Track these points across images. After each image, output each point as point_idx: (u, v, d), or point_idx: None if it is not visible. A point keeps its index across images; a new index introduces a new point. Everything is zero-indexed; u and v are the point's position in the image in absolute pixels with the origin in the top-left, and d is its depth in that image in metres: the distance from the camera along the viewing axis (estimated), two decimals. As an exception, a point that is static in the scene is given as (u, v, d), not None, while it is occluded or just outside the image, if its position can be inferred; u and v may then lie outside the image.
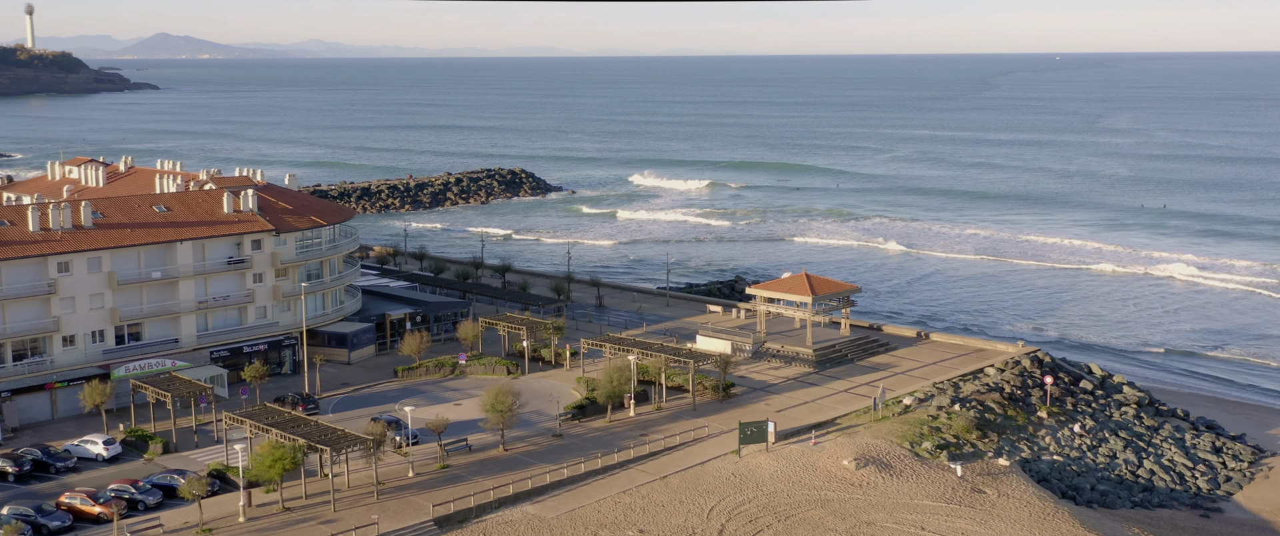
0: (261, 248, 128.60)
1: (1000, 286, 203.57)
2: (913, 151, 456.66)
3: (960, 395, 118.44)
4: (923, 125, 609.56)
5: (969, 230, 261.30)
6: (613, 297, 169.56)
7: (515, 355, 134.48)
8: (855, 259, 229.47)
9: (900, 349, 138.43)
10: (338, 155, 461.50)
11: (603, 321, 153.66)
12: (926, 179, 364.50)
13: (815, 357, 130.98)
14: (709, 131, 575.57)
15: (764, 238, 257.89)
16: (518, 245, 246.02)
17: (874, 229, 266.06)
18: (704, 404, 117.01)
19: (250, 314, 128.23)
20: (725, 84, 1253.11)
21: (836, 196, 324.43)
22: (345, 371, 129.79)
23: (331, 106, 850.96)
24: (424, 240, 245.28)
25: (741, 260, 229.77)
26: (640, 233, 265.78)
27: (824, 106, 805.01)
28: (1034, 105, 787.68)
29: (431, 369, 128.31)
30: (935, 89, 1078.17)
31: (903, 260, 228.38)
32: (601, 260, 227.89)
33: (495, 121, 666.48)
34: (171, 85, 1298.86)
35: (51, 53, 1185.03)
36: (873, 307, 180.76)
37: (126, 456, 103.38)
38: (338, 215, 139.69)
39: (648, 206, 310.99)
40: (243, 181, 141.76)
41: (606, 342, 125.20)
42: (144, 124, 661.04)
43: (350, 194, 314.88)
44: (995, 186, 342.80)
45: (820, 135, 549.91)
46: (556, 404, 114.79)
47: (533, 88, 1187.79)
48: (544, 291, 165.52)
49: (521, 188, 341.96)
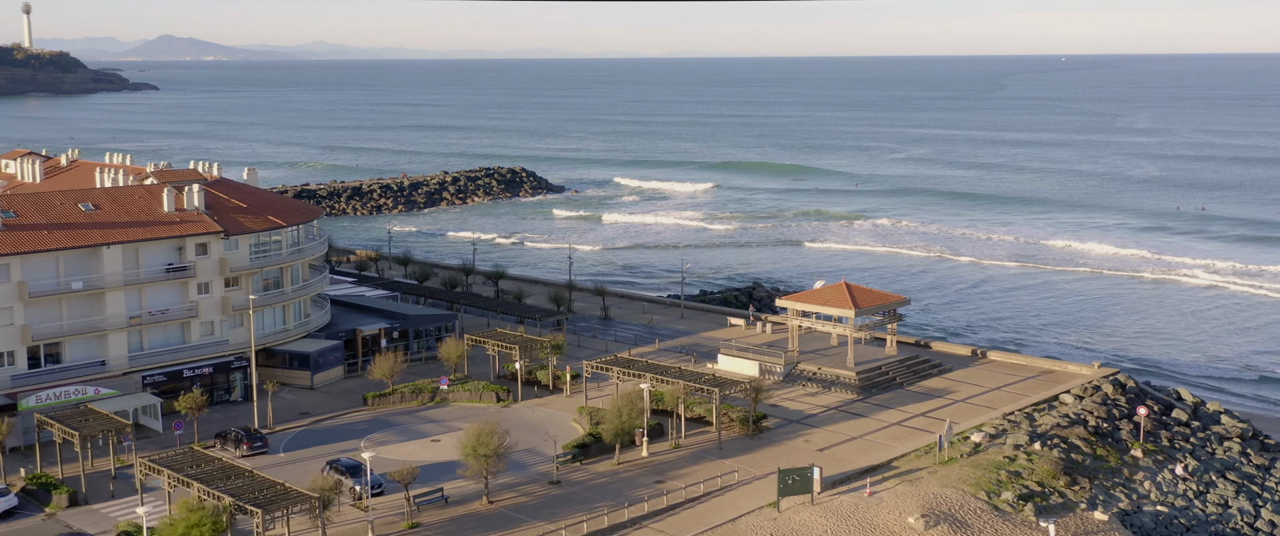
0: (208, 252, 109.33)
1: (1045, 296, 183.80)
2: (930, 152, 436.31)
3: (1038, 430, 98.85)
4: (937, 125, 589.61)
5: (998, 234, 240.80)
6: (620, 308, 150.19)
7: (507, 377, 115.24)
8: (882, 265, 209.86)
9: (955, 370, 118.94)
10: (334, 156, 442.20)
11: (608, 336, 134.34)
12: (947, 180, 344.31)
13: (859, 382, 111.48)
14: (717, 132, 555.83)
15: (779, 241, 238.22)
16: (514, 249, 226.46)
17: (897, 233, 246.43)
18: (731, 441, 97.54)
19: (194, 331, 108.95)
20: (732, 84, 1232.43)
21: (854, 198, 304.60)
22: (306, 398, 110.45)
23: (331, 106, 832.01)
24: (412, 243, 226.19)
25: (757, 265, 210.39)
26: (647, 236, 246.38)
27: (834, 106, 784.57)
28: (1048, 105, 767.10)
29: (407, 395, 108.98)
30: (944, 89, 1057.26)
31: (934, 267, 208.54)
32: (606, 265, 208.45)
33: (497, 121, 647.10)
34: (172, 86, 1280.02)
35: (49, 52, 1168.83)
36: (913, 320, 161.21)
37: (25, 509, 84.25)
38: (301, 215, 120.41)
39: (655, 208, 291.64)
40: (189, 175, 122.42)
41: (614, 366, 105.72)
42: (137, 123, 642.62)
43: (340, 193, 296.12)
44: (1021, 188, 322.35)
45: (832, 135, 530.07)
46: (553, 442, 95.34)
47: (536, 88, 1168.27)
48: (542, 301, 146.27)
49: (522, 187, 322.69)
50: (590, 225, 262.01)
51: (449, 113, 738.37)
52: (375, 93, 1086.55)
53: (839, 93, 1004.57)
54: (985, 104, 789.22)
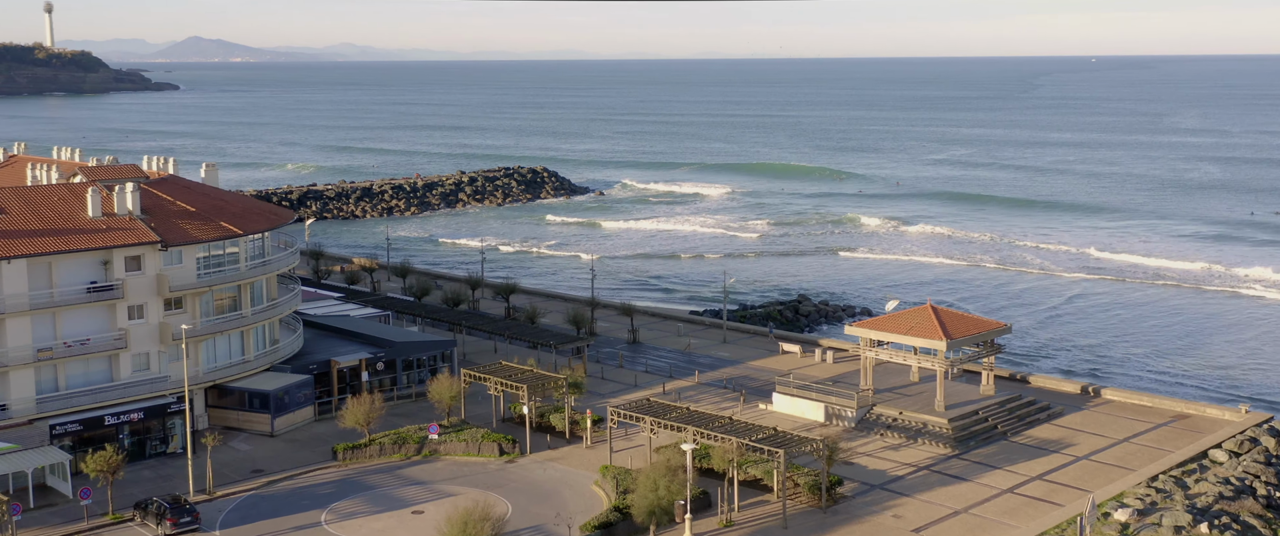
0: (142, 268, 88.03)
1: (1143, 314, 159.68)
2: (972, 153, 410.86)
3: (1197, 503, 76.22)
4: (974, 124, 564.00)
5: (1061, 243, 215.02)
6: (651, 329, 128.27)
7: (514, 421, 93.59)
8: (941, 277, 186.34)
9: (1067, 414, 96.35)
10: (348, 156, 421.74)
11: (638, 365, 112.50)
12: (995, 183, 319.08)
13: (952, 431, 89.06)
14: (748, 133, 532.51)
15: (819, 249, 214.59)
16: (530, 258, 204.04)
17: (949, 241, 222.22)
18: (800, 515, 75.41)
19: (123, 365, 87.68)
20: (760, 84, 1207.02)
21: (897, 203, 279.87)
22: (264, 449, 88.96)
23: (350, 106, 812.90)
24: (418, 250, 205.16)
25: (800, 276, 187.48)
26: (677, 242, 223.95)
27: (866, 106, 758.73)
28: (1088, 105, 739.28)
29: (388, 447, 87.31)
30: (977, 88, 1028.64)
31: (1002, 281, 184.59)
32: (633, 275, 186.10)
33: (521, 122, 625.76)
34: (194, 86, 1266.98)
35: (70, 52, 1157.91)
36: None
37: None
38: (265, 220, 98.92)
39: (684, 211, 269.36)
40: (124, 172, 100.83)
41: (646, 414, 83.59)
42: (152, 123, 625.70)
43: (348, 194, 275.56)
44: (1077, 192, 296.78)
45: (868, 135, 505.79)
46: (568, 526, 73.43)
47: (562, 88, 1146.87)
48: (559, 321, 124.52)
49: (543, 188, 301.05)
50: (615, 231, 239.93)
51: (470, 112, 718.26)
52: (397, 93, 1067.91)
53: (869, 92, 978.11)
54: (1021, 104, 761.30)
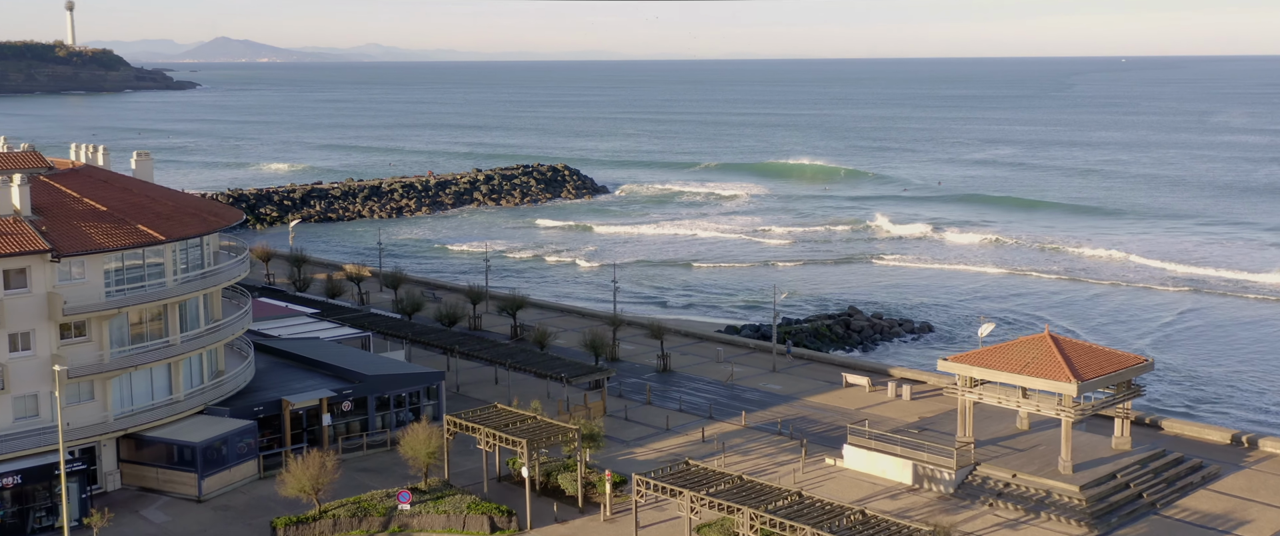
0: (28, 283, 67.70)
1: (1262, 337, 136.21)
2: (1016, 153, 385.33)
3: None
4: (1015, 123, 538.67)
5: (1138, 255, 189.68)
6: (684, 352, 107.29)
7: (511, 481, 72.93)
8: (1003, 290, 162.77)
9: (1224, 475, 74.85)
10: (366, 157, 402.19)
11: (669, 401, 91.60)
12: (1046, 184, 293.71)
13: (1087, 503, 67.64)
14: (780, 132, 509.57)
15: (859, 256, 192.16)
16: (544, 265, 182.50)
17: (1004, 249, 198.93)
18: (899, 638, 54.12)
19: (2, 412, 67.35)
20: (793, 83, 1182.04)
21: (941, 205, 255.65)
22: (185, 522, 68.50)
23: (370, 104, 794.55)
24: (420, 254, 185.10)
25: (846, 285, 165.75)
26: (706, 248, 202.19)
27: (901, 104, 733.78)
28: (1128, 104, 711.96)
29: (345, 520, 66.64)
30: (1012, 88, 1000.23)
31: (1073, 294, 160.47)
32: (661, 284, 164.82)
33: (545, 121, 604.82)
34: (216, 85, 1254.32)
35: (91, 50, 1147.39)
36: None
37: None
38: (199, 222, 78.44)
39: (715, 213, 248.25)
40: (21, 160, 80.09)
41: (683, 485, 62.35)
42: (163, 121, 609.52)
43: (355, 193, 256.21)
44: (1136, 195, 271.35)
45: (905, 134, 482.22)
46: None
47: (588, 87, 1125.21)
48: (575, 342, 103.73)
49: (563, 188, 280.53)
50: (638, 234, 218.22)
51: (492, 109, 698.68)
52: (418, 91, 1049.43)
53: (902, 91, 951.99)
54: (1060, 103, 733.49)
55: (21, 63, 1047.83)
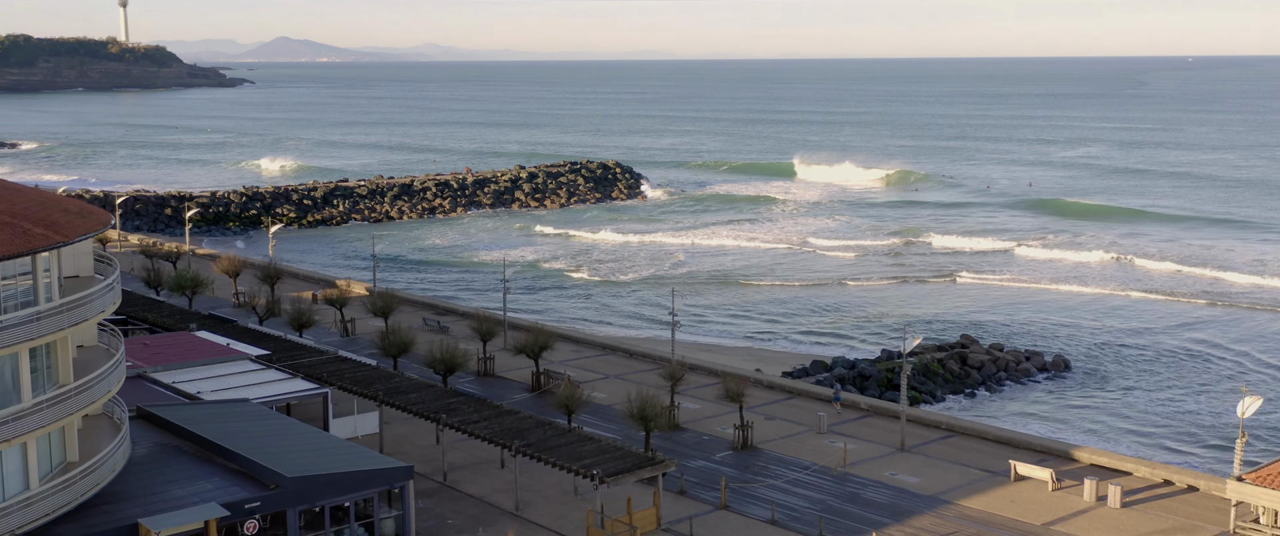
0: None
1: None
2: (1105, 152, 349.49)
3: None
4: (1097, 122, 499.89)
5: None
6: (767, 413, 78.19)
7: None
8: (1143, 323, 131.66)
9: None
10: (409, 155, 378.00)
11: (753, 502, 62.92)
12: (1154, 189, 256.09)
13: None
14: (845, 130, 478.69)
15: (951, 270, 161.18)
16: (588, 285, 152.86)
17: (1130, 272, 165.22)
18: None
19: None
20: (857, 80, 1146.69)
21: (1032, 214, 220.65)
22: None
23: (422, 101, 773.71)
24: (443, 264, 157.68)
25: (945, 308, 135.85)
26: (774, 261, 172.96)
27: (973, 100, 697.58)
28: (1212, 101, 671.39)
29: None
30: (1084, 85, 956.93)
31: (1260, 328, 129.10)
32: (728, 309, 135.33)
33: (599, 120, 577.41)
34: (271, 82, 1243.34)
35: (144, 46, 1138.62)
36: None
37: None
38: (21, 239, 50.46)
39: (778, 217, 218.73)
40: None
41: None
42: (207, 117, 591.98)
43: (382, 191, 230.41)
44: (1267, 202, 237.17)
45: (983, 132, 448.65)
46: None
47: (647, 86, 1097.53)
48: (619, 397, 75.84)
49: (615, 187, 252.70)
50: (691, 245, 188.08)
51: (548, 105, 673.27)
52: (479, 88, 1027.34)
53: (975, 88, 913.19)
54: (1137, 102, 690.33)
55: (74, 59, 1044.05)
